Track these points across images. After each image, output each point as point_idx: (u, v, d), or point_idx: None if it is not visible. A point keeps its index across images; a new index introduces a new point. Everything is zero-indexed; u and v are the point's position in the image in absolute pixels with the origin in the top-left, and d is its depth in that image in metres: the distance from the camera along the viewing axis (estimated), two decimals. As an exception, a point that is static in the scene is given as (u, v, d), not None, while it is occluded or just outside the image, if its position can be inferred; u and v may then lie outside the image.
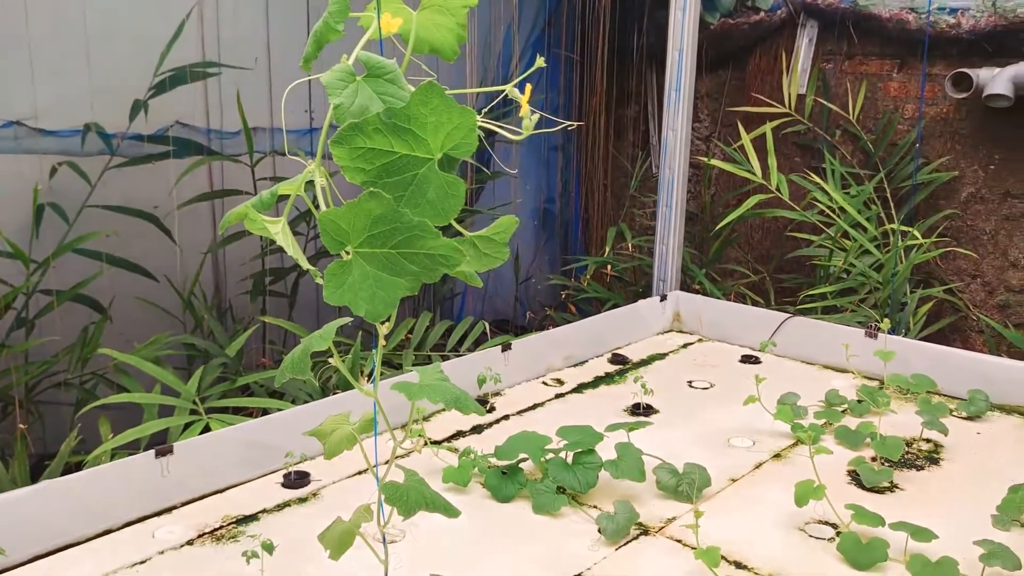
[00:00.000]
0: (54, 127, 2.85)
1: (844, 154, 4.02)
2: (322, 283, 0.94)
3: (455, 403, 1.17)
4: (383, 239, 0.87)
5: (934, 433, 2.16)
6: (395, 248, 0.87)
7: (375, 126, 0.87)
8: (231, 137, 3.25)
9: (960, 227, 3.75)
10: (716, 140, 4.48)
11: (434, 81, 0.87)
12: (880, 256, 3.48)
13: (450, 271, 0.89)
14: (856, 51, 4.00)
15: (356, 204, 0.85)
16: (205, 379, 2.55)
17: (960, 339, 3.73)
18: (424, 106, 0.88)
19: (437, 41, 1.13)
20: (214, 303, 3.21)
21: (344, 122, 0.89)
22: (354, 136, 0.87)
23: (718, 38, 4.39)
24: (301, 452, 1.97)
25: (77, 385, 2.73)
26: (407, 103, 0.87)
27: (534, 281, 4.61)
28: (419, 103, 0.87)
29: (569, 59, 4.64)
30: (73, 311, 2.87)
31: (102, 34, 2.90)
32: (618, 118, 4.82)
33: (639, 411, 2.33)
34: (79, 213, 2.90)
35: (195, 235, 3.18)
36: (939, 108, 3.77)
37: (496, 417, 2.29)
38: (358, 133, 0.87)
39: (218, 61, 3.19)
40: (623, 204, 4.73)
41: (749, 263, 4.26)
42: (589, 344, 2.78)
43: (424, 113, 0.88)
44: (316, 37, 1.06)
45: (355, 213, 0.85)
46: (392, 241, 0.87)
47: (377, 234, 0.87)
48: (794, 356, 2.79)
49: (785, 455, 2.09)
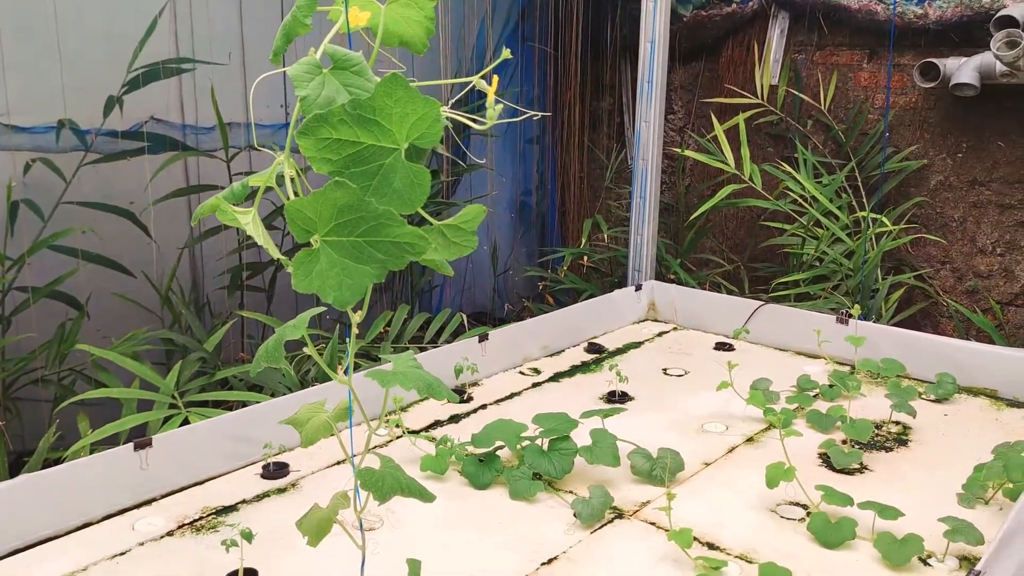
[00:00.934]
0: (27, 123, 2.84)
1: (816, 144, 4.07)
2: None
3: (428, 389, 1.19)
4: (349, 227, 0.89)
5: (903, 416, 2.21)
6: (361, 236, 0.89)
7: (340, 117, 0.89)
8: (206, 132, 3.25)
9: (929, 215, 3.80)
10: (690, 131, 4.52)
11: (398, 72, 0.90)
12: (851, 244, 3.53)
13: (416, 258, 0.92)
14: (827, 42, 4.05)
15: (322, 193, 0.87)
16: (183, 374, 2.56)
17: (931, 325, 3.79)
18: (389, 97, 0.90)
19: (406, 34, 1.15)
20: (191, 298, 3.21)
21: (311, 114, 0.91)
22: (319, 127, 0.89)
23: (691, 30, 4.42)
24: (280, 444, 1.99)
25: (55, 381, 2.74)
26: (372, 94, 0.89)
27: (512, 273, 4.64)
28: (384, 94, 0.89)
29: (543, 52, 4.66)
30: (50, 308, 2.87)
31: (74, 30, 2.90)
32: (593, 110, 4.85)
33: (615, 399, 2.37)
34: (54, 210, 2.90)
35: (171, 231, 3.18)
36: (908, 98, 3.82)
37: (473, 407, 2.32)
38: (323, 124, 0.89)
39: (192, 57, 3.19)
40: (599, 196, 4.76)
41: (723, 252, 4.30)
42: (566, 334, 2.81)
43: (389, 104, 0.90)
44: (285, 31, 1.08)
45: (321, 202, 0.88)
46: (358, 229, 0.89)
47: (344, 223, 0.89)
48: (767, 343, 2.83)
49: (758, 439, 2.12)
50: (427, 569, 1.39)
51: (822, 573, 1.55)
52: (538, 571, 1.56)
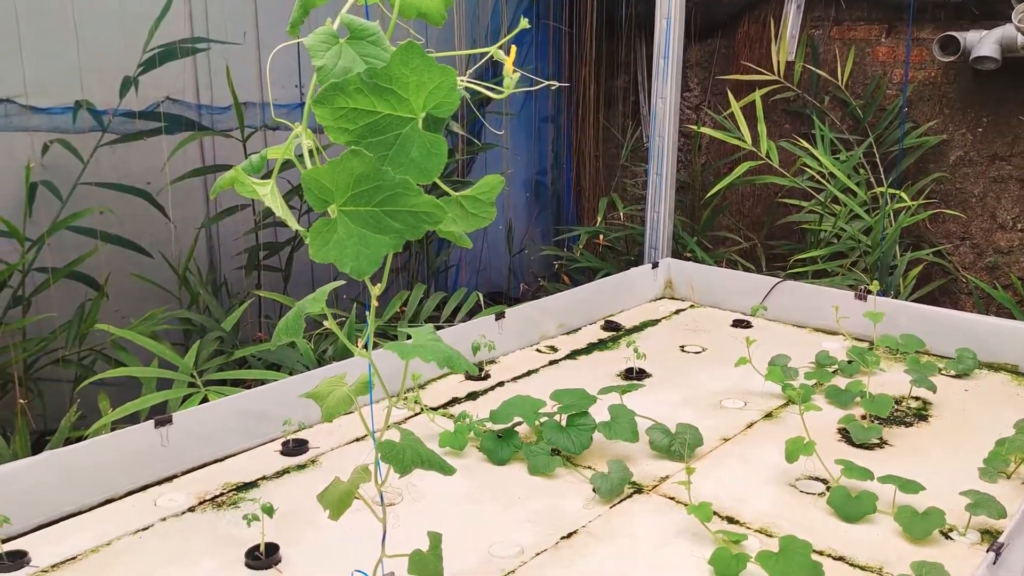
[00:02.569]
0: (45, 104, 2.85)
1: (833, 120, 4.03)
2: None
3: (447, 361, 1.19)
4: (366, 197, 0.89)
5: (923, 391, 2.20)
6: (378, 206, 0.89)
7: (356, 86, 0.89)
8: (222, 112, 3.25)
9: (949, 190, 3.77)
10: (706, 108, 4.49)
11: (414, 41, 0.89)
12: (869, 220, 3.50)
13: (433, 227, 0.91)
14: (844, 17, 4.00)
15: (339, 162, 0.87)
16: (202, 353, 2.57)
17: (950, 301, 3.76)
18: (405, 66, 0.89)
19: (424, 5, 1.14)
20: (209, 278, 3.23)
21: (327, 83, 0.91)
22: (336, 96, 0.88)
23: (707, 7, 4.38)
24: (299, 420, 2.00)
25: (75, 361, 2.76)
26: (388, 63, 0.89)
27: (527, 252, 4.63)
28: (400, 63, 0.89)
29: (558, 30, 4.63)
30: (69, 288, 2.89)
31: (89, 10, 2.90)
32: (608, 88, 4.82)
33: (632, 376, 2.36)
34: (72, 190, 2.91)
35: (188, 210, 3.19)
36: (927, 72, 3.77)
37: (491, 384, 2.32)
38: (339, 93, 0.88)
39: (207, 36, 3.19)
40: (614, 174, 4.74)
41: (740, 230, 4.28)
42: (582, 312, 2.80)
43: (405, 73, 0.89)
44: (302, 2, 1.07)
45: (338, 172, 0.87)
46: (375, 199, 0.89)
47: (361, 192, 0.89)
48: (785, 320, 2.82)
49: (776, 415, 2.12)
50: (447, 542, 1.40)
51: (843, 547, 1.55)
52: (557, 545, 1.57)
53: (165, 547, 1.57)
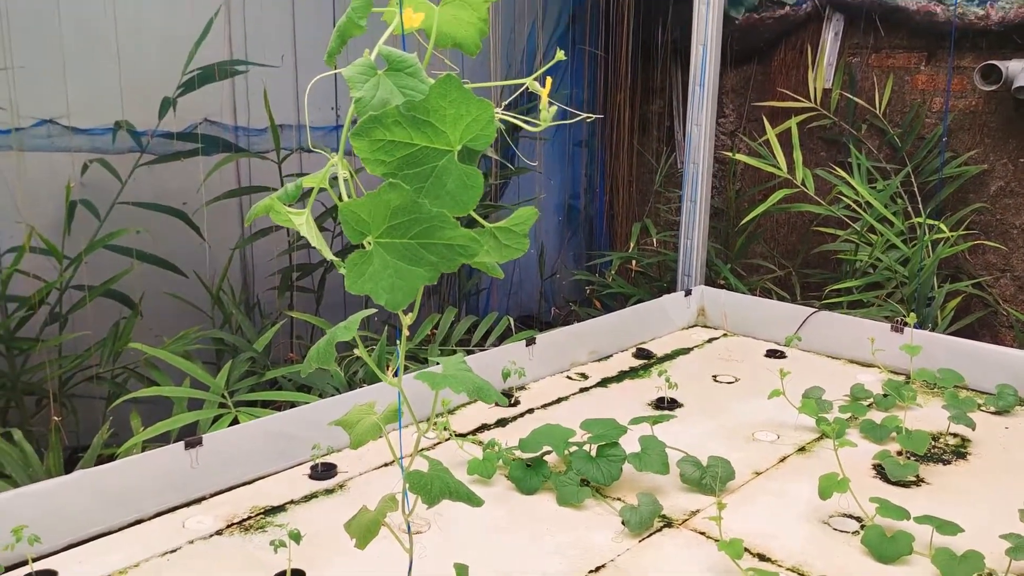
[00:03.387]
0: (86, 125, 2.89)
1: (871, 148, 3.99)
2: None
3: (477, 392, 1.18)
4: (403, 229, 0.88)
5: (961, 427, 2.15)
6: (415, 238, 0.89)
7: (395, 118, 0.88)
8: (258, 134, 3.28)
9: (989, 221, 3.71)
10: (741, 134, 4.47)
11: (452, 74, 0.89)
12: (907, 250, 3.45)
13: (469, 260, 0.91)
14: (883, 44, 3.97)
15: (376, 195, 0.87)
16: (233, 373, 2.58)
17: (989, 334, 3.70)
18: (443, 98, 0.89)
19: (459, 35, 1.14)
20: (242, 298, 3.25)
21: (365, 115, 0.91)
22: (374, 128, 0.88)
23: (743, 32, 4.37)
24: (328, 444, 2.00)
25: (109, 379, 2.78)
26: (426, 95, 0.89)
27: (559, 276, 4.62)
28: (438, 95, 0.89)
29: (593, 55, 4.64)
30: (104, 306, 2.92)
31: (132, 33, 2.94)
32: (643, 113, 4.81)
33: (663, 405, 2.34)
34: (110, 210, 2.94)
35: (223, 231, 3.21)
36: (968, 101, 3.73)
37: (520, 411, 2.31)
38: (377, 125, 0.88)
39: (245, 59, 3.22)
40: (648, 199, 4.72)
41: (775, 258, 4.24)
42: (614, 338, 2.79)
43: (443, 105, 0.89)
44: (340, 32, 1.07)
45: (375, 204, 0.87)
46: (412, 231, 0.88)
47: (397, 224, 0.88)
48: (819, 351, 2.78)
49: (810, 449, 2.08)
50: (474, 574, 1.38)
51: (877, 588, 1.52)
52: (586, 579, 1.55)
53: (192, 570, 1.57)
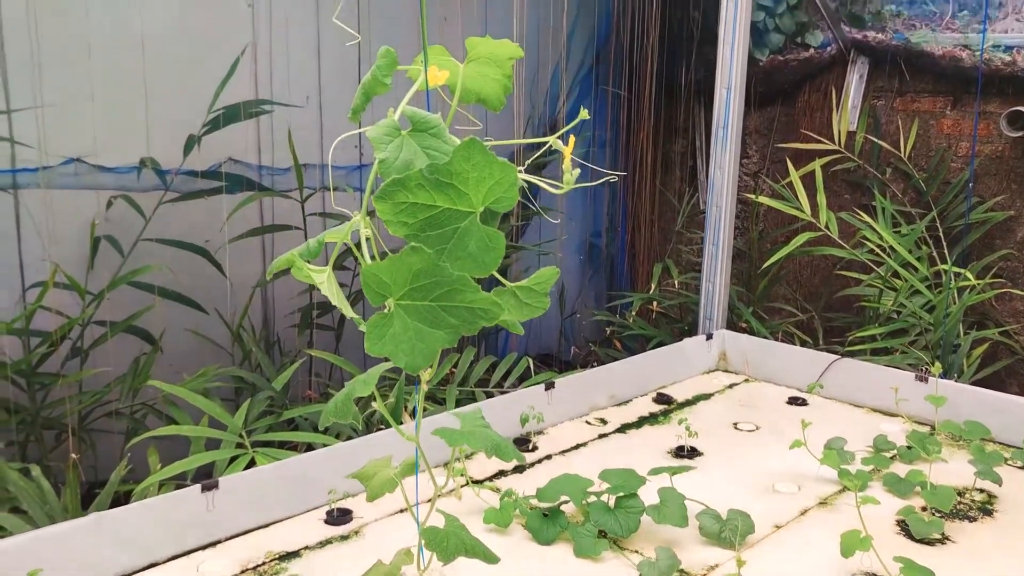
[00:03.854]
0: (112, 163, 2.92)
1: (895, 192, 3.97)
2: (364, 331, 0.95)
3: (495, 450, 1.18)
4: (424, 292, 0.88)
5: (987, 483, 2.11)
6: (435, 301, 0.88)
7: (418, 181, 0.88)
8: (282, 173, 3.31)
9: (1016, 268, 3.67)
10: (764, 176, 4.46)
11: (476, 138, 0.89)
12: (932, 297, 3.42)
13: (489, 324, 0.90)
14: (908, 88, 3.96)
15: (398, 258, 0.86)
16: (252, 412, 2.58)
17: (1016, 383, 3.64)
18: (466, 161, 0.89)
19: (484, 91, 1.14)
20: (262, 336, 3.25)
21: (389, 176, 0.91)
22: (397, 191, 0.88)
23: (767, 74, 4.38)
24: (344, 489, 1.98)
25: (128, 415, 2.78)
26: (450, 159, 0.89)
27: (579, 316, 4.61)
28: (461, 158, 0.89)
29: (617, 95, 4.66)
30: (126, 342, 2.93)
31: (159, 72, 2.98)
32: (665, 153, 4.81)
33: (683, 453, 2.31)
34: (133, 246, 2.97)
35: (245, 269, 3.23)
36: (994, 146, 3.71)
37: (538, 457, 2.29)
38: (401, 188, 0.88)
39: (270, 99, 3.25)
40: (670, 239, 4.71)
41: (797, 301, 4.21)
42: (633, 383, 2.77)
43: (466, 168, 0.89)
44: (364, 89, 1.08)
45: (397, 267, 0.87)
46: (433, 294, 0.88)
47: (418, 287, 0.88)
48: (842, 398, 2.75)
49: (831, 502, 2.05)
50: (489, 631, 1.36)
51: (902, 652, 1.48)
52: (602, 636, 1.52)
53: (205, 619, 1.56)
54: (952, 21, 3.78)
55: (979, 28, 3.67)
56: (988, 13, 3.64)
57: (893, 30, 3.95)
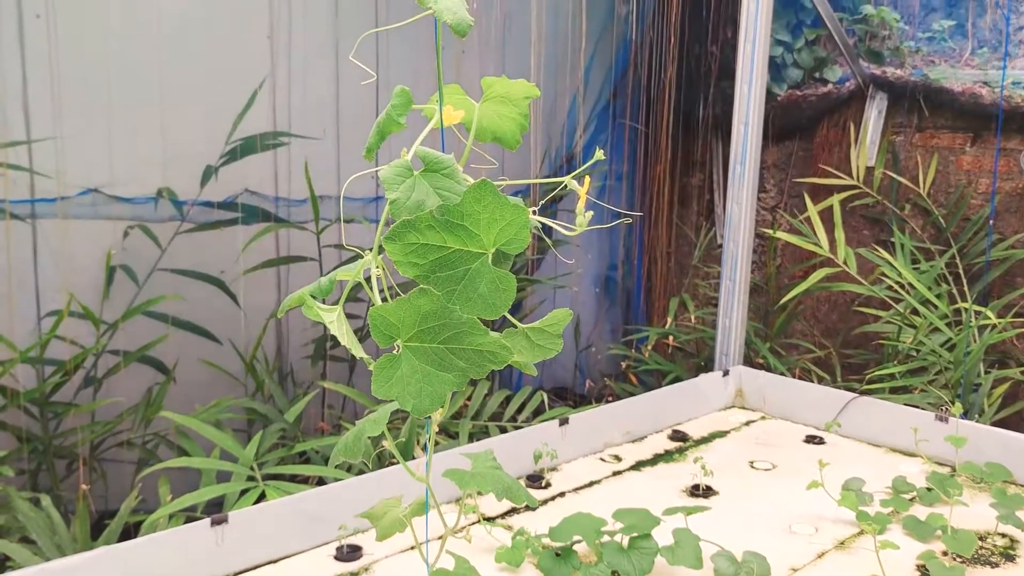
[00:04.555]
0: (129, 194, 2.94)
1: (914, 228, 3.94)
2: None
3: (506, 493, 1.16)
4: (432, 334, 0.87)
5: (1010, 528, 2.07)
6: (444, 343, 0.87)
7: (428, 223, 0.87)
8: (298, 205, 3.32)
9: (1037, 306, 3.63)
10: (782, 211, 4.44)
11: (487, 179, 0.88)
12: (952, 335, 3.38)
13: (499, 367, 0.89)
14: (927, 124, 3.94)
15: (406, 300, 0.85)
16: (263, 444, 2.57)
17: (1038, 422, 3.59)
18: (478, 203, 0.88)
19: (500, 130, 1.14)
20: (275, 367, 3.25)
21: (400, 216, 0.90)
22: (407, 232, 0.87)
23: (785, 109, 4.37)
24: (354, 525, 1.96)
25: (139, 445, 2.78)
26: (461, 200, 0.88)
27: (595, 349, 4.58)
28: (473, 200, 0.88)
29: (634, 129, 4.66)
30: (139, 372, 2.93)
31: (178, 103, 3.01)
32: (683, 187, 4.81)
33: (698, 492, 2.28)
34: (148, 276, 2.97)
35: (260, 300, 3.23)
36: (1015, 183, 3.68)
37: (552, 494, 2.26)
38: (411, 230, 0.87)
39: (288, 131, 3.27)
40: (686, 273, 4.69)
41: (815, 337, 4.18)
42: (649, 419, 2.74)
43: (477, 210, 0.88)
44: (379, 128, 1.07)
45: (405, 308, 0.86)
46: (441, 336, 0.87)
47: (426, 329, 0.87)
48: (860, 437, 2.71)
49: (849, 544, 2.01)
50: (498, 677, 1.34)
51: None
52: None
53: (211, 658, 1.53)
54: (971, 58, 3.77)
55: (999, 65, 3.66)
56: (1008, 50, 3.62)
57: (912, 66, 3.95)
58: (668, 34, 4.51)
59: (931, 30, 3.87)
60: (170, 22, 2.97)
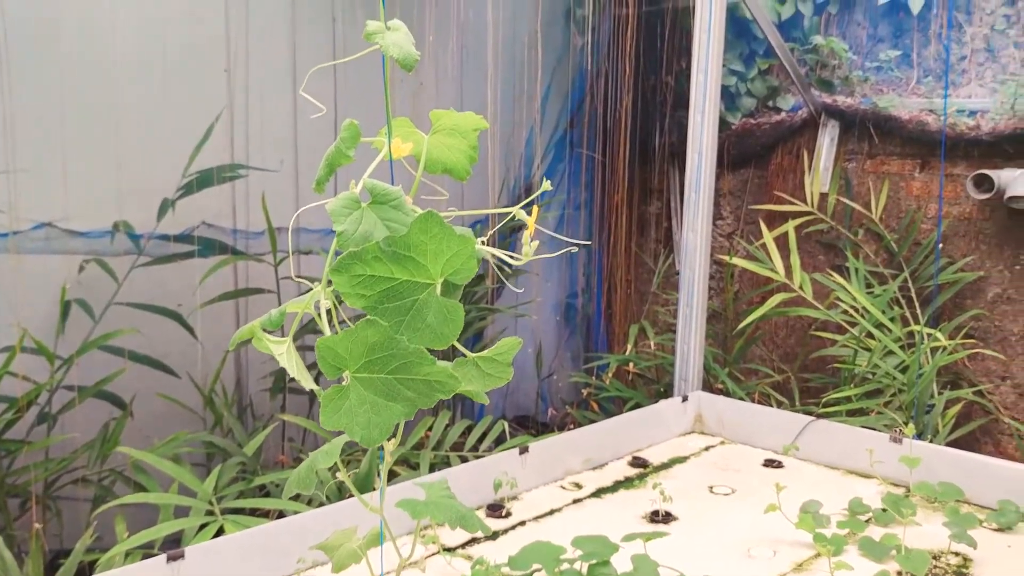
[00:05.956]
0: (84, 228, 2.92)
1: (868, 253, 4.02)
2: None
3: (460, 522, 1.16)
4: (380, 365, 0.88)
5: (962, 546, 2.10)
6: (392, 374, 0.88)
7: (375, 254, 0.88)
8: (256, 237, 3.31)
9: (988, 327, 3.71)
10: (738, 237, 4.50)
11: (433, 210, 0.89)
12: (905, 357, 3.44)
13: (447, 396, 0.90)
14: (878, 151, 4.03)
15: (354, 331, 0.86)
16: (222, 478, 2.54)
17: (991, 442, 3.65)
18: (424, 233, 0.89)
19: (449, 161, 1.15)
20: (234, 400, 3.22)
21: (347, 248, 0.91)
22: (353, 264, 0.88)
23: (739, 137, 4.45)
24: (313, 558, 1.95)
25: (95, 482, 2.74)
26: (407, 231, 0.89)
27: (556, 377, 4.60)
28: (419, 231, 0.89)
29: (591, 158, 4.71)
30: (95, 407, 2.90)
31: (134, 136, 2.99)
32: (640, 215, 4.86)
33: (658, 518, 2.29)
34: (105, 310, 2.95)
35: (218, 332, 3.21)
36: (963, 208, 3.77)
37: (512, 523, 2.26)
38: (357, 261, 0.88)
39: (246, 163, 3.27)
40: (646, 300, 4.73)
41: (773, 362, 4.23)
42: (609, 446, 2.75)
43: (424, 240, 0.89)
44: (328, 161, 1.09)
45: (352, 339, 0.86)
46: (389, 367, 0.88)
47: (374, 360, 0.88)
48: (817, 460, 2.74)
49: (806, 566, 2.03)
50: None
51: None
52: None
53: None
54: (917, 86, 3.87)
55: (943, 93, 3.76)
56: (951, 79, 3.73)
57: (861, 94, 4.04)
58: (623, 65, 4.58)
59: (879, 60, 3.97)
60: (126, 55, 2.96)
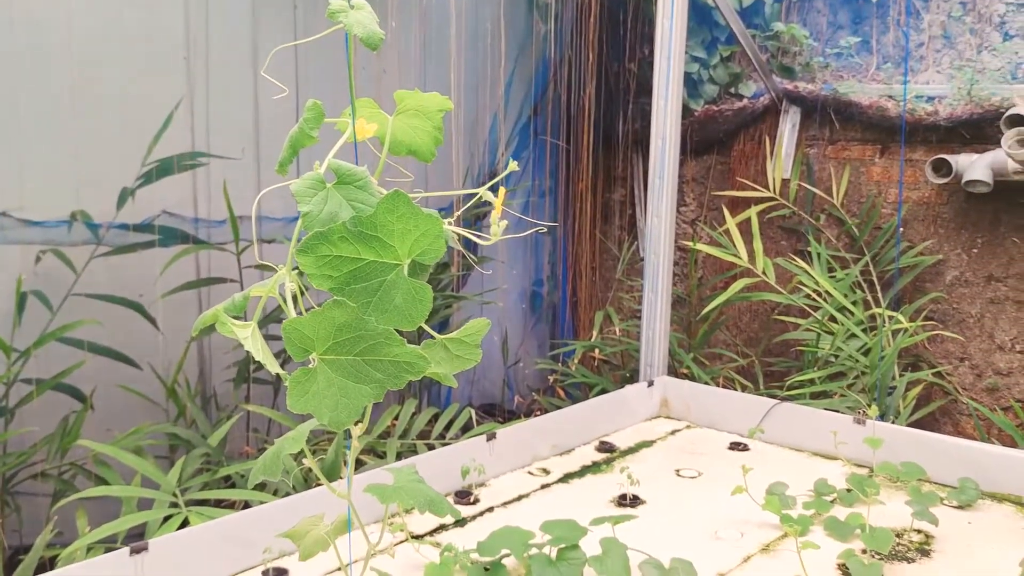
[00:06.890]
0: (40, 218, 2.86)
1: (829, 237, 4.05)
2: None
3: (429, 506, 1.15)
4: (348, 346, 0.86)
5: (924, 524, 2.13)
6: (360, 355, 0.87)
7: (341, 234, 0.87)
8: (218, 225, 3.26)
9: (946, 310, 3.76)
10: (702, 223, 4.52)
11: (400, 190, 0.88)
12: (867, 340, 3.48)
13: (415, 377, 0.89)
14: (838, 136, 4.07)
15: (320, 312, 0.85)
16: (186, 470, 2.51)
17: (951, 421, 3.71)
18: (391, 214, 0.88)
19: (414, 143, 1.14)
20: (197, 391, 3.18)
21: (313, 229, 0.89)
22: (319, 244, 0.87)
23: (702, 124, 4.46)
24: (280, 548, 1.93)
25: (55, 476, 2.69)
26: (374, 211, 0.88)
27: (522, 365, 4.60)
28: (386, 211, 0.88)
29: (556, 145, 4.71)
30: (54, 400, 2.84)
31: (92, 125, 2.94)
32: (605, 202, 4.87)
33: (626, 502, 2.30)
34: (63, 302, 2.89)
35: (180, 323, 3.17)
36: (922, 193, 3.81)
37: (480, 509, 2.25)
38: (324, 242, 0.87)
39: (207, 151, 3.22)
40: (611, 287, 4.75)
41: (737, 347, 4.26)
42: (576, 432, 2.75)
43: (391, 221, 0.88)
44: (291, 142, 1.07)
45: (320, 321, 0.85)
46: (357, 348, 0.86)
47: (342, 341, 0.86)
48: (783, 443, 2.77)
49: (773, 547, 2.05)
50: None
51: None
52: None
53: None
54: (877, 73, 3.90)
55: (902, 80, 3.80)
56: (910, 65, 3.77)
57: (822, 81, 4.07)
58: (586, 52, 4.58)
59: (839, 46, 4.01)
60: (82, 42, 2.90)
